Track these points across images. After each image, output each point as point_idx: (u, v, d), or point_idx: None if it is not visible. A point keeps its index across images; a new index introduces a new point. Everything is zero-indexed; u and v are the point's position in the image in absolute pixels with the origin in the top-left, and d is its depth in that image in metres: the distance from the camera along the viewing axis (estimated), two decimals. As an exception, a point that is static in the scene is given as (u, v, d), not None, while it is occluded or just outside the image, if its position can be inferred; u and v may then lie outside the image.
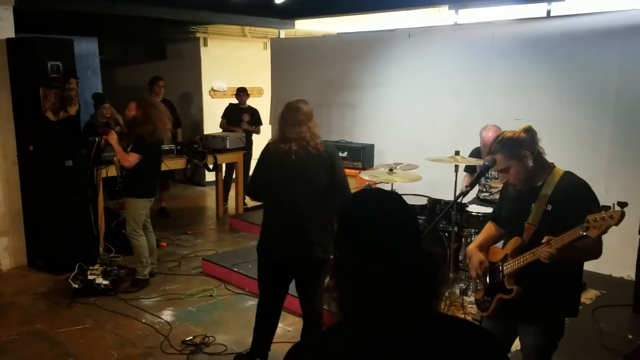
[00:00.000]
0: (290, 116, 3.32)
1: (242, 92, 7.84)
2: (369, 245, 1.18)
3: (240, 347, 3.89)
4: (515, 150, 2.41)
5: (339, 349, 1.14)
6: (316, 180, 3.30)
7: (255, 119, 7.77)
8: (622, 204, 2.09)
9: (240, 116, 7.70)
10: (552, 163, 2.50)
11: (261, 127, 7.84)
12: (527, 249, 2.38)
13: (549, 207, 2.36)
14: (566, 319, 2.59)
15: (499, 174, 2.52)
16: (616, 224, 2.09)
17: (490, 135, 4.52)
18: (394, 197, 1.27)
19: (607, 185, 4.66)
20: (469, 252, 2.70)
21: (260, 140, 7.89)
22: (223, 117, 7.86)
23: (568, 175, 2.44)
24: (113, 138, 4.86)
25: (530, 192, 2.45)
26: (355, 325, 1.18)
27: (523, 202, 2.47)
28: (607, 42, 4.88)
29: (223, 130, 7.69)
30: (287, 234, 3.33)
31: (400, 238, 1.20)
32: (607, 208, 2.11)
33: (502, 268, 2.52)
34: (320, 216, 3.29)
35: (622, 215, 2.08)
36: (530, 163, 2.41)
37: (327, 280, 1.26)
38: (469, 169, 4.85)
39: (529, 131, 2.48)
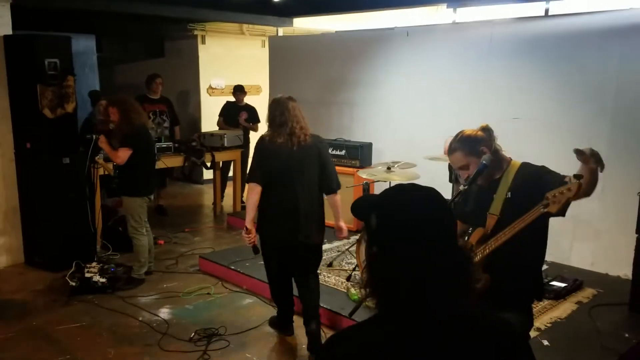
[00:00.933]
0: (291, 111, 3.60)
1: (239, 91, 7.83)
2: (407, 242, 1.19)
3: (238, 344, 3.90)
4: (474, 147, 2.53)
5: (374, 341, 1.16)
6: (312, 170, 3.62)
7: (252, 117, 7.76)
8: (579, 177, 2.15)
9: (237, 114, 7.70)
10: (510, 157, 2.60)
11: (258, 125, 7.84)
12: (490, 238, 2.46)
13: (509, 195, 2.47)
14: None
15: (459, 170, 2.63)
16: (575, 197, 2.15)
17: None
18: (433, 195, 1.26)
19: (603, 185, 4.67)
20: None
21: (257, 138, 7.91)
22: (220, 115, 7.84)
23: (525, 165, 2.55)
24: (102, 141, 4.87)
25: (491, 184, 2.55)
26: (390, 319, 1.19)
27: (485, 195, 2.56)
28: (605, 41, 4.88)
29: (220, 129, 7.69)
30: (287, 222, 3.61)
31: (438, 235, 1.21)
32: (564, 183, 2.20)
33: None
34: (314, 203, 3.65)
35: (579, 186, 2.13)
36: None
37: (364, 274, 1.27)
38: (453, 179, 4.81)
39: (487, 130, 2.60)
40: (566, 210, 2.24)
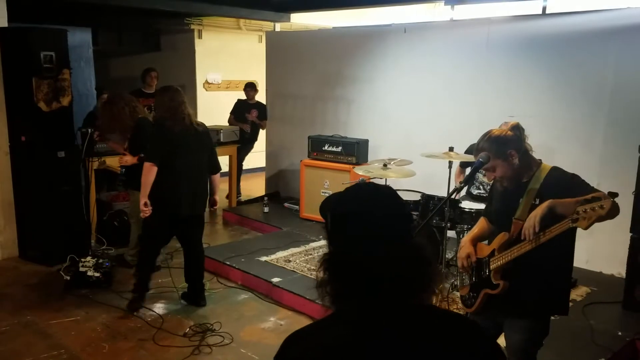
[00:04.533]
0: (177, 97, 4.08)
1: (249, 88, 7.81)
2: (362, 241, 1.20)
3: (233, 340, 3.90)
4: (502, 149, 2.42)
5: (332, 340, 1.16)
6: (205, 152, 4.24)
7: (262, 114, 7.73)
8: (613, 195, 2.07)
9: (247, 112, 7.69)
10: (540, 159, 2.51)
11: (266, 122, 7.79)
12: (514, 244, 2.40)
13: (537, 201, 2.37)
14: (553, 316, 2.61)
15: (485, 172, 2.56)
16: (607, 215, 2.07)
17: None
18: (388, 192, 1.28)
19: (599, 183, 4.68)
20: (462, 243, 2.73)
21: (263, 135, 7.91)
22: (231, 113, 7.83)
23: (555, 169, 2.45)
24: (127, 162, 4.80)
25: (518, 187, 2.46)
26: (347, 318, 1.19)
27: (511, 197, 2.49)
28: (602, 40, 4.89)
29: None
30: (190, 195, 4.16)
31: (393, 233, 1.21)
32: (597, 199, 2.10)
33: (489, 263, 2.53)
34: (204, 181, 4.31)
35: (614, 205, 2.05)
36: (516, 161, 2.43)
37: (318, 273, 1.27)
38: (464, 164, 4.85)
39: (517, 128, 2.49)
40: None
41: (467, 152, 4.81)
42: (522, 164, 2.44)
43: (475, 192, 4.92)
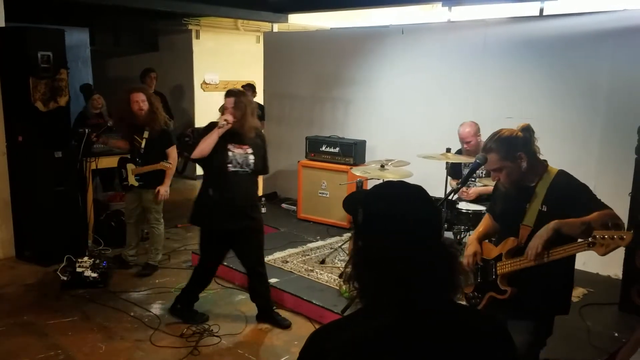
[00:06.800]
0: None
1: (247, 88, 7.77)
2: (395, 239, 1.20)
3: (230, 341, 3.90)
4: (511, 151, 2.34)
5: (362, 335, 1.16)
6: None
7: (260, 115, 7.69)
8: (637, 225, 2.07)
9: None
10: (546, 161, 2.46)
11: (264, 122, 7.76)
12: (523, 249, 2.37)
13: (544, 208, 2.33)
14: (555, 317, 2.62)
15: (491, 172, 2.47)
16: (625, 245, 2.04)
17: (467, 130, 4.54)
18: (420, 192, 1.29)
19: (596, 184, 4.69)
20: (469, 241, 2.71)
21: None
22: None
23: (562, 174, 2.40)
24: (169, 169, 4.92)
25: (524, 191, 2.41)
26: (376, 313, 1.20)
27: (517, 201, 2.44)
28: (599, 42, 4.91)
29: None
30: None
31: (426, 231, 1.23)
32: (617, 227, 2.06)
33: (496, 267, 2.52)
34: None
35: (634, 238, 2.03)
36: (525, 165, 2.36)
37: (347, 269, 1.28)
38: (453, 174, 4.81)
39: (527, 130, 2.39)
40: None
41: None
42: (530, 167, 2.36)
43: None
